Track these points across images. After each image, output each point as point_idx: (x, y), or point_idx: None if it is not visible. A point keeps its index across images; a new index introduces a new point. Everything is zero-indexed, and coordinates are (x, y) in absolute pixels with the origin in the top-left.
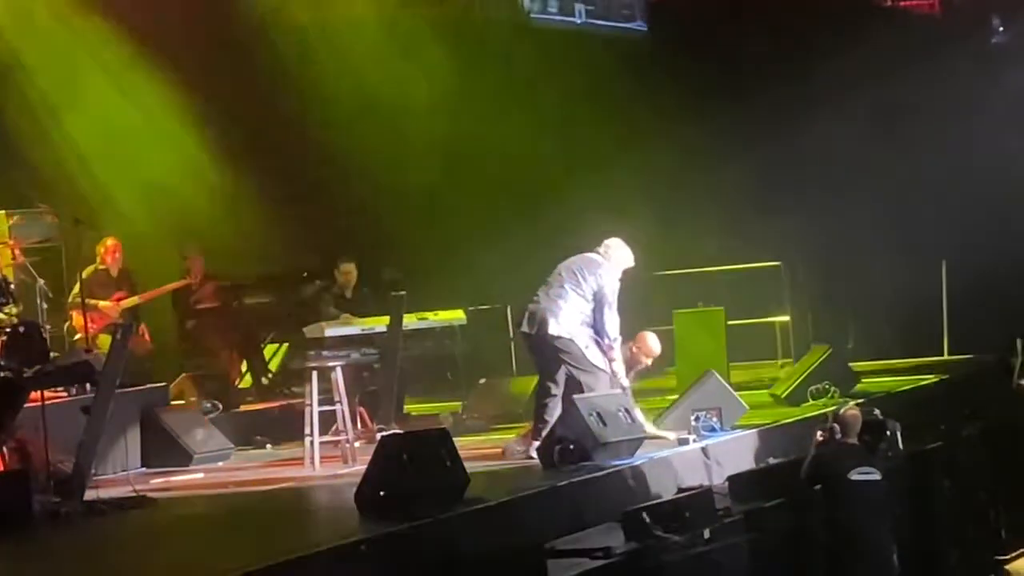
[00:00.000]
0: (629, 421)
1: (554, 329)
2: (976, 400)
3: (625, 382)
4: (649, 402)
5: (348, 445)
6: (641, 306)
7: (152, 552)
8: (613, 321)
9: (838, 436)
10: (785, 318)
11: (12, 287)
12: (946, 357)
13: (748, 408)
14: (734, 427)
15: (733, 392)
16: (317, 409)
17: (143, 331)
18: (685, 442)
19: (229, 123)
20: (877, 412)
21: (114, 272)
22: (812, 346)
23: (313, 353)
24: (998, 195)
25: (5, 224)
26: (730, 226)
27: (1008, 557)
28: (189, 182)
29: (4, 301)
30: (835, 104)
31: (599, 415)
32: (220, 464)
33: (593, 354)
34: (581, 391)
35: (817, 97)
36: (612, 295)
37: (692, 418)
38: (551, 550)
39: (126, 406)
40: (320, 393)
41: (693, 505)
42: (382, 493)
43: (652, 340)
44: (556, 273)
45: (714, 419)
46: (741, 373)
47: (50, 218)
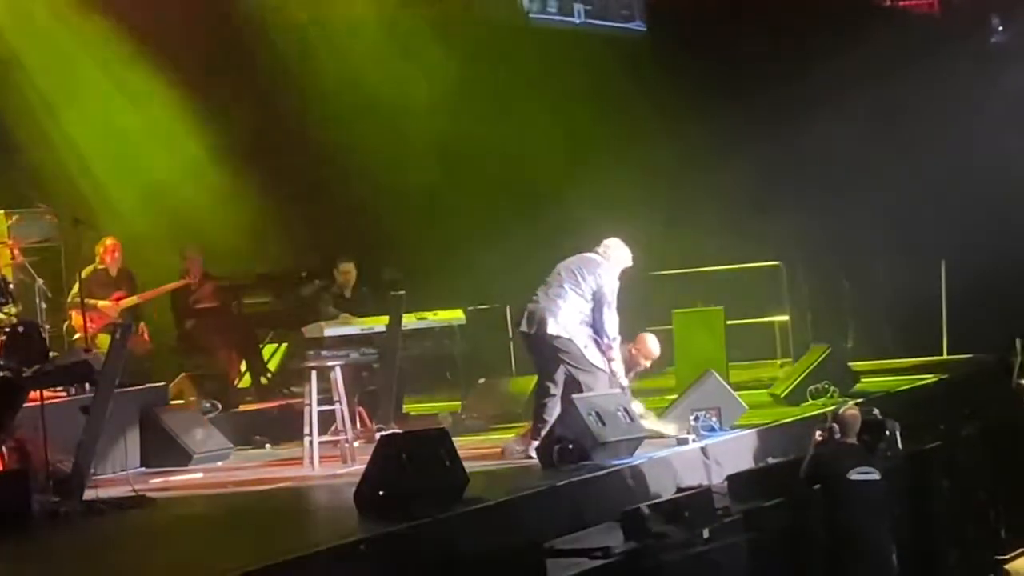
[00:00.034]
0: (628, 420)
1: (553, 329)
2: (976, 400)
3: (624, 381)
4: (649, 402)
5: (347, 445)
6: (640, 306)
7: (151, 552)
8: (612, 321)
9: (837, 436)
10: (784, 318)
11: (11, 287)
12: (945, 357)
13: (747, 408)
14: (733, 427)
15: (732, 392)
16: (316, 409)
17: (142, 331)
18: (684, 442)
19: (229, 123)
20: (876, 412)
21: (113, 272)
22: (811, 346)
23: (312, 353)
24: (998, 195)
25: (4, 224)
26: (729, 226)
27: (1008, 557)
28: (189, 182)
29: (3, 301)
30: (835, 104)
31: (598, 415)
32: (219, 464)
33: (592, 354)
34: (580, 391)
35: (817, 97)
36: (611, 295)
37: (691, 418)
38: (550, 550)
39: (125, 406)
40: (319, 393)
41: (692, 505)
42: (381, 493)
43: (651, 342)
44: (555, 273)
45: (713, 419)
46: (740, 373)
47: (49, 218)
